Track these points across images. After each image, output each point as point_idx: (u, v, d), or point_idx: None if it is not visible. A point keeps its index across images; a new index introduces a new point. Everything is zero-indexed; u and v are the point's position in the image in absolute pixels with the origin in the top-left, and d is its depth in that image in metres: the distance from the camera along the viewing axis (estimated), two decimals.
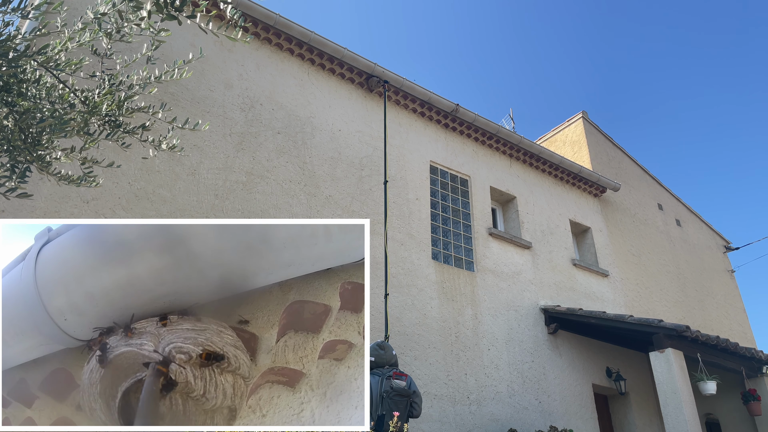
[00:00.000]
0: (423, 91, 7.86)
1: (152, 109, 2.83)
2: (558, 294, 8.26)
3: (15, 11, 2.10)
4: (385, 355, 4.25)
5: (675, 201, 11.99)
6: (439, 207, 7.77)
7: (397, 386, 4.01)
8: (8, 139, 2.33)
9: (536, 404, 7.06)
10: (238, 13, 2.23)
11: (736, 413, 7.85)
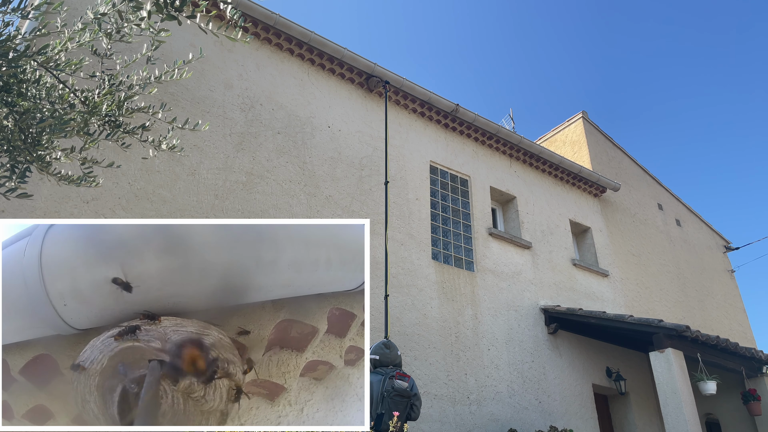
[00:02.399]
0: (423, 91, 7.86)
1: (152, 109, 2.83)
2: (558, 294, 8.26)
3: (15, 11, 2.10)
4: (390, 355, 4.25)
5: (675, 201, 11.99)
6: (439, 207, 7.77)
7: (399, 387, 4.00)
8: (8, 139, 2.33)
9: (536, 404, 7.06)
10: (238, 13, 2.23)
11: (736, 413, 7.85)
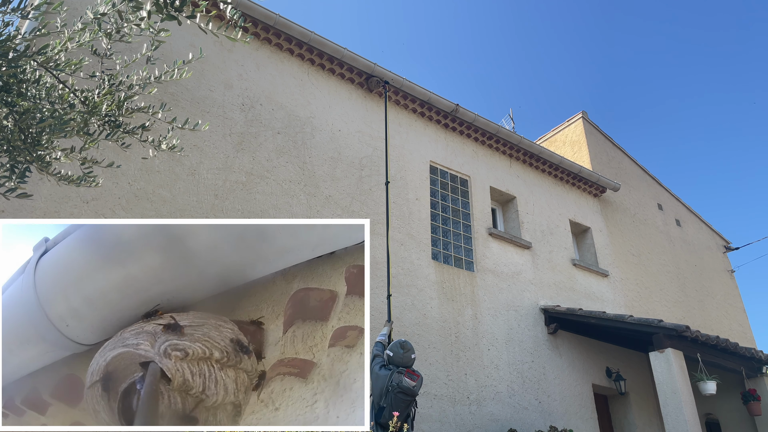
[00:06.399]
0: (423, 91, 7.86)
1: (152, 109, 2.83)
2: (558, 294, 8.26)
3: (15, 11, 2.10)
4: (404, 356, 4.18)
5: (675, 201, 11.99)
6: (439, 207, 7.76)
7: (405, 384, 3.94)
8: (8, 139, 2.33)
9: (536, 404, 7.06)
10: (237, 14, 2.23)
11: (736, 413, 7.85)
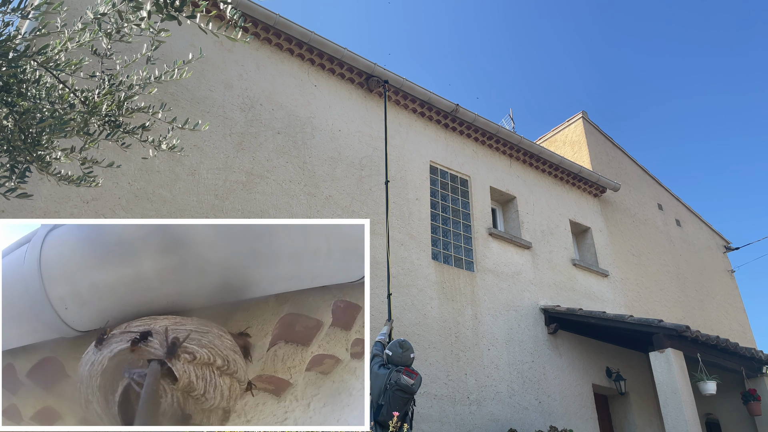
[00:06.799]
0: (423, 91, 7.86)
1: (152, 109, 2.83)
2: (558, 294, 8.26)
3: (15, 11, 2.10)
4: (403, 355, 4.20)
5: (675, 201, 11.99)
6: (439, 207, 7.76)
7: (403, 382, 3.95)
8: (8, 139, 2.33)
9: (536, 404, 7.06)
10: (238, 14, 2.23)
11: (736, 413, 7.85)
